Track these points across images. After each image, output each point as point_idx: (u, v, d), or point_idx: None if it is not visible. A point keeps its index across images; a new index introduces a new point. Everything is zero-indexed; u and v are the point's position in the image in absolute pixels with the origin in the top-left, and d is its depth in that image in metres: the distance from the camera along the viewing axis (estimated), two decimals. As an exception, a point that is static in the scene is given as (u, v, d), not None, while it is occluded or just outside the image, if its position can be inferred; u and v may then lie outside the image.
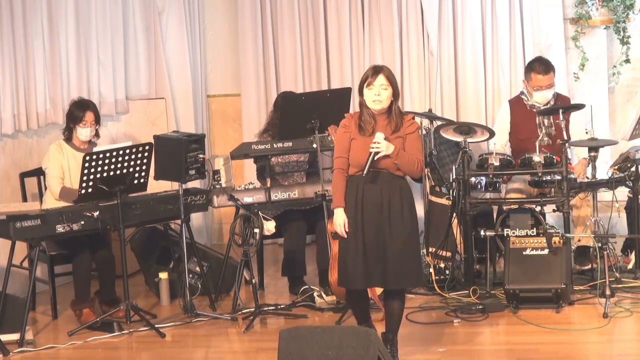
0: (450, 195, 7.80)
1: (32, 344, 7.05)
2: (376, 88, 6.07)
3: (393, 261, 6.07)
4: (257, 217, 7.20)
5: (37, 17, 8.27)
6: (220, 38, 9.76)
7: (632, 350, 6.42)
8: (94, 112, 7.74)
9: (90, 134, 7.74)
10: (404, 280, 6.16)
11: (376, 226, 6.08)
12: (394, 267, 6.07)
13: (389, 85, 6.07)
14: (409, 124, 6.14)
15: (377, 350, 5.42)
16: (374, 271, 6.08)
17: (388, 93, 6.08)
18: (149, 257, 8.11)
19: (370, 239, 6.08)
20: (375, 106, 6.09)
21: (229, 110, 9.80)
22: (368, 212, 6.09)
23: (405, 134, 6.12)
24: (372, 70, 6.12)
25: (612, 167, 7.73)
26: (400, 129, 6.11)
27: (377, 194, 6.09)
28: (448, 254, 7.76)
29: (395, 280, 6.11)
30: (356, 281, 6.15)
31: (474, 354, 6.50)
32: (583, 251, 7.84)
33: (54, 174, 7.67)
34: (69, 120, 7.74)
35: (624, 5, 8.86)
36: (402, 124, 6.13)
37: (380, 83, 6.07)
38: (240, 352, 6.87)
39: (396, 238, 6.07)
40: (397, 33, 9.19)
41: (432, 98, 9.17)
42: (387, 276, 6.08)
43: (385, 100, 6.08)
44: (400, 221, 6.09)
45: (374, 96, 6.08)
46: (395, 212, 6.08)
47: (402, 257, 6.08)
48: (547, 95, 8.03)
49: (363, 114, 6.14)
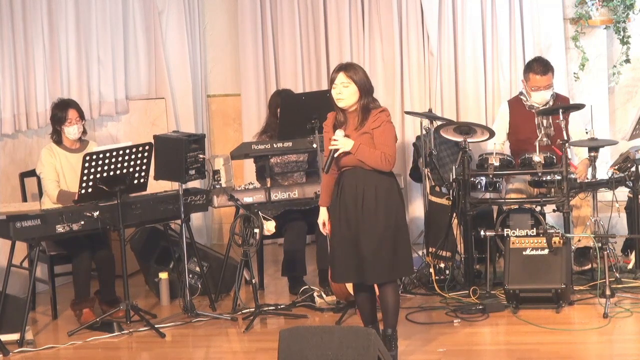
0: (450, 195, 7.80)
1: (32, 344, 7.04)
2: (338, 86, 6.10)
3: (367, 257, 6.09)
4: (257, 217, 7.20)
5: (37, 17, 8.27)
6: (220, 38, 9.77)
7: (632, 350, 6.41)
8: (76, 108, 7.72)
9: (78, 131, 7.71)
10: (381, 275, 6.15)
11: (352, 222, 6.13)
12: (369, 262, 6.09)
13: (350, 82, 6.07)
14: (375, 119, 6.11)
15: (377, 350, 5.42)
16: (351, 266, 6.14)
17: (350, 90, 6.08)
18: (149, 257, 8.12)
19: (346, 235, 6.14)
20: (339, 104, 6.13)
21: (229, 110, 9.80)
22: (346, 208, 6.15)
23: (371, 128, 6.10)
24: (335, 69, 6.17)
25: (612, 167, 7.73)
26: (365, 124, 6.10)
27: (353, 191, 6.13)
28: (448, 254, 7.76)
29: (371, 275, 6.13)
30: (335, 275, 6.28)
31: (474, 354, 6.50)
32: (583, 252, 7.84)
33: (49, 177, 7.66)
34: (54, 122, 7.72)
35: (624, 5, 8.86)
36: (367, 119, 6.12)
37: (340, 81, 6.09)
38: (240, 352, 6.87)
39: (369, 233, 6.09)
40: (397, 33, 9.19)
41: (432, 98, 9.17)
42: (364, 271, 6.12)
43: (347, 98, 6.09)
44: (374, 217, 6.09)
45: (336, 94, 6.12)
46: (368, 208, 6.10)
47: (377, 253, 6.08)
48: (545, 96, 8.03)
49: (337, 112, 6.21)
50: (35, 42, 8.24)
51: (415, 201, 9.23)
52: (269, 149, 7.78)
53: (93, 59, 8.82)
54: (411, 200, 9.29)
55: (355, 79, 6.08)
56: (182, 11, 9.45)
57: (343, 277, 6.30)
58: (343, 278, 6.32)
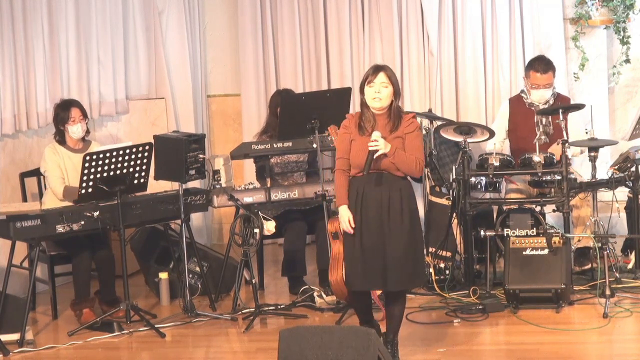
0: (450, 195, 7.80)
1: (32, 344, 7.05)
2: (376, 86, 6.06)
3: (393, 263, 6.04)
4: (257, 217, 7.20)
5: (37, 17, 8.27)
6: (220, 38, 9.76)
7: (632, 350, 6.42)
8: (78, 107, 7.72)
9: (82, 129, 7.71)
10: (404, 282, 6.14)
11: (376, 227, 6.06)
12: (394, 269, 6.05)
13: (389, 83, 6.06)
14: (408, 123, 6.12)
15: (377, 350, 5.42)
16: (374, 273, 6.06)
17: (388, 91, 6.07)
18: (149, 257, 8.12)
19: (370, 241, 6.06)
20: (375, 104, 6.08)
21: (229, 110, 9.80)
22: (368, 213, 6.07)
23: (405, 133, 6.09)
24: (373, 69, 6.12)
25: (612, 167, 7.73)
26: (399, 128, 6.09)
27: (378, 195, 6.07)
28: (448, 254, 7.76)
29: (395, 282, 6.09)
30: (355, 283, 6.14)
31: (474, 354, 6.50)
32: (582, 252, 7.84)
33: (54, 174, 7.66)
34: (57, 122, 7.72)
35: (624, 5, 8.86)
36: (400, 123, 6.11)
37: (380, 81, 6.06)
38: (240, 352, 6.87)
39: (396, 239, 6.05)
40: (397, 33, 9.19)
41: (432, 98, 9.17)
42: (387, 278, 6.06)
43: (385, 99, 6.07)
44: (400, 222, 6.06)
45: (374, 94, 6.07)
46: (395, 214, 6.06)
47: (402, 259, 6.05)
48: (544, 95, 8.03)
49: (364, 114, 6.13)
50: (35, 42, 8.24)
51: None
52: (269, 149, 7.78)
53: (93, 59, 8.82)
54: (411, 200, 9.28)
55: (393, 81, 6.09)
56: (182, 11, 9.45)
57: (365, 284, 6.15)
58: (365, 285, 6.16)
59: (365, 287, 6.20)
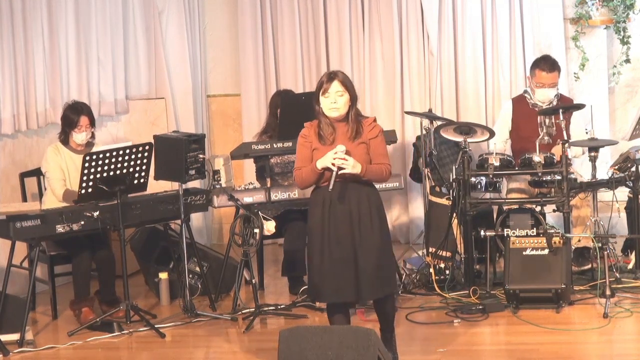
0: (450, 195, 7.80)
1: (32, 344, 7.04)
2: (332, 95, 5.92)
3: (366, 272, 5.91)
4: (257, 217, 7.20)
5: (37, 17, 8.27)
6: (220, 38, 9.76)
7: (632, 351, 6.41)
8: (88, 115, 7.70)
9: (86, 137, 7.72)
10: (379, 290, 6.00)
11: (347, 240, 5.92)
12: (368, 277, 5.92)
13: (344, 91, 5.93)
14: (371, 128, 5.99)
15: (377, 350, 5.42)
16: (346, 284, 5.92)
17: (344, 99, 5.93)
18: (149, 257, 8.12)
19: (340, 252, 5.92)
20: (332, 114, 5.94)
21: (229, 110, 9.80)
22: (337, 225, 5.93)
23: (369, 139, 5.96)
24: (326, 77, 5.97)
25: (612, 167, 7.73)
26: (362, 134, 5.97)
27: (346, 205, 5.93)
28: (448, 254, 7.76)
29: (369, 292, 5.98)
30: (326, 295, 6.00)
31: (474, 354, 6.50)
32: (582, 251, 7.84)
33: (55, 176, 7.65)
34: (64, 124, 7.72)
35: (624, 5, 8.86)
36: (362, 129, 5.97)
37: (335, 90, 5.92)
38: (240, 352, 6.87)
39: (368, 248, 5.92)
40: (397, 33, 9.19)
41: (432, 98, 9.17)
42: (362, 288, 5.93)
43: (342, 107, 5.93)
44: (371, 233, 5.94)
45: (330, 104, 5.92)
46: (365, 222, 5.93)
47: (376, 268, 5.93)
48: (548, 94, 8.03)
49: (321, 123, 5.99)
50: (35, 42, 8.24)
51: (415, 201, 9.23)
52: (269, 149, 7.78)
53: (93, 59, 8.82)
54: (411, 200, 9.29)
55: (349, 88, 5.96)
56: (182, 11, 9.45)
57: (335, 296, 5.99)
58: (335, 297, 6.00)
59: (337, 299, 6.02)
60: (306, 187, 6.05)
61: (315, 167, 5.90)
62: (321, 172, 5.90)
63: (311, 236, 6.04)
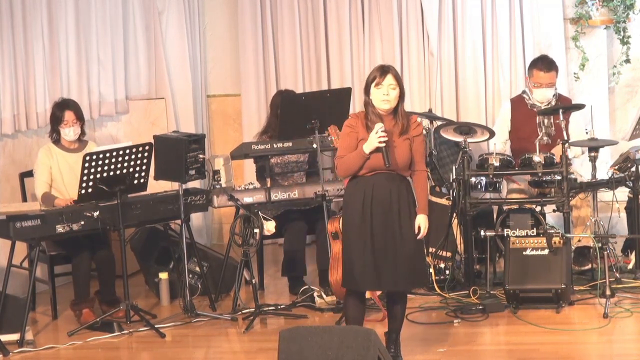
0: (450, 195, 7.80)
1: (32, 344, 7.04)
2: (385, 87, 6.02)
3: (404, 262, 6.02)
4: (257, 217, 7.20)
5: (37, 17, 8.27)
6: (220, 38, 9.76)
7: (632, 351, 6.41)
8: (73, 110, 7.68)
9: (75, 132, 7.69)
10: (415, 281, 6.18)
11: (385, 228, 6.02)
12: (406, 268, 6.03)
13: (397, 85, 6.03)
14: (416, 126, 6.11)
15: (377, 351, 5.42)
16: (385, 274, 6.02)
17: (396, 93, 6.03)
18: (149, 257, 8.11)
19: (380, 241, 6.02)
20: (384, 106, 6.04)
21: (229, 110, 9.80)
22: (377, 214, 6.03)
23: (413, 136, 6.08)
24: (380, 70, 6.06)
25: (612, 167, 7.73)
26: (409, 130, 6.08)
27: (386, 195, 6.03)
28: (448, 254, 7.76)
29: (406, 281, 6.09)
30: (365, 283, 6.09)
31: (474, 354, 6.50)
32: (582, 251, 7.84)
33: (41, 178, 7.64)
34: (52, 121, 7.72)
35: (624, 5, 8.86)
36: (409, 125, 6.09)
37: (388, 83, 6.02)
38: (240, 352, 6.87)
39: (407, 239, 6.03)
40: (397, 33, 9.19)
41: (432, 98, 9.17)
42: (399, 278, 6.04)
43: (393, 100, 6.04)
44: (409, 221, 6.05)
45: (382, 96, 6.02)
46: (404, 213, 6.04)
47: (413, 258, 6.05)
48: (546, 94, 8.03)
49: (369, 114, 6.09)
50: (35, 42, 8.24)
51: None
52: (269, 149, 7.78)
53: (93, 59, 8.82)
54: (411, 200, 9.29)
55: (400, 83, 6.06)
56: (182, 11, 9.45)
57: (375, 285, 6.15)
58: (375, 286, 6.17)
59: (375, 287, 6.23)
60: (349, 174, 6.14)
61: (363, 152, 6.00)
62: (368, 156, 6.00)
63: (348, 226, 6.10)
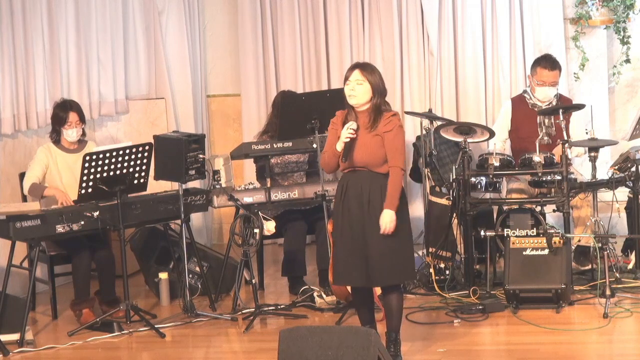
0: (450, 195, 7.80)
1: (32, 344, 7.05)
2: (352, 83, 6.07)
3: (374, 259, 6.06)
4: (257, 217, 7.20)
5: (37, 17, 8.27)
6: (220, 38, 9.76)
7: (632, 351, 6.42)
8: (77, 112, 7.70)
9: (77, 134, 7.71)
10: (387, 277, 6.14)
11: (358, 223, 6.10)
12: (376, 264, 6.07)
13: (364, 80, 6.05)
14: (387, 122, 6.08)
15: (377, 351, 5.42)
16: (358, 269, 6.10)
17: (363, 88, 6.05)
18: (149, 257, 8.11)
19: (355, 237, 6.10)
20: (350, 101, 6.09)
21: (229, 110, 9.80)
22: (352, 209, 6.11)
23: (383, 132, 6.06)
24: (351, 66, 6.15)
25: (612, 167, 7.73)
26: (378, 126, 6.07)
27: (359, 192, 6.10)
28: (448, 254, 7.76)
29: (377, 278, 6.11)
30: (337, 278, 6.25)
31: (474, 354, 6.50)
32: (583, 251, 7.84)
33: (32, 172, 7.64)
34: (54, 122, 7.72)
35: (624, 5, 8.86)
36: (379, 121, 6.08)
37: (355, 78, 6.06)
38: (240, 352, 6.87)
39: (377, 236, 6.05)
40: (397, 33, 9.19)
41: (432, 98, 9.17)
42: (370, 274, 6.08)
43: (360, 96, 6.06)
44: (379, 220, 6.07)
45: (349, 91, 6.09)
46: (375, 210, 6.06)
47: (384, 255, 6.06)
48: (549, 93, 8.03)
49: (349, 111, 6.17)
50: (35, 42, 8.24)
51: (415, 201, 9.22)
52: (269, 149, 7.78)
53: (93, 59, 8.82)
54: (411, 200, 9.27)
55: (370, 79, 6.06)
56: (182, 11, 9.45)
57: (346, 280, 6.25)
58: (346, 280, 6.26)
59: (346, 282, 6.30)
60: (329, 170, 6.31)
61: (335, 149, 6.12)
62: (339, 153, 6.10)
63: (333, 222, 6.27)
